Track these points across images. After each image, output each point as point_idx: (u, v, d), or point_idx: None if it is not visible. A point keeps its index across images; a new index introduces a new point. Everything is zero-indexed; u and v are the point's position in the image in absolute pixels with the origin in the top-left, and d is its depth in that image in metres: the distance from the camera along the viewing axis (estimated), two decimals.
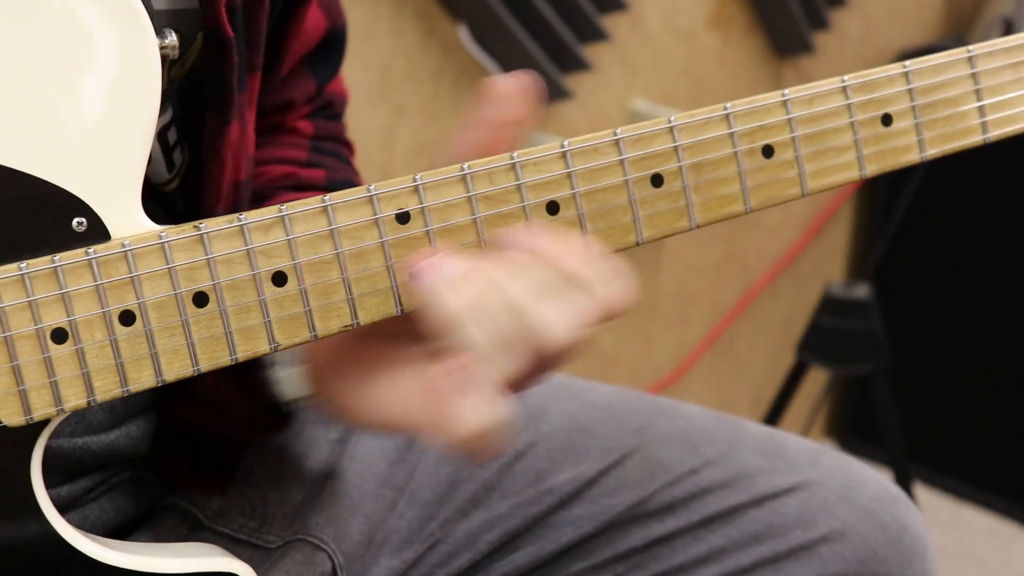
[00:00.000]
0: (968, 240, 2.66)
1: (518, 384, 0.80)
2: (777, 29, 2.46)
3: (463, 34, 1.99)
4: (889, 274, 2.68)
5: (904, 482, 2.35)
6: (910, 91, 0.92)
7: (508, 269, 0.79)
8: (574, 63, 2.12)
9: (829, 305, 2.33)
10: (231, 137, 0.93)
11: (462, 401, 0.79)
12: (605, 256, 0.81)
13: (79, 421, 0.94)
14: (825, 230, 2.75)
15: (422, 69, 1.96)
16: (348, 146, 1.18)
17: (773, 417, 2.40)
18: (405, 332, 0.85)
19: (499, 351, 0.78)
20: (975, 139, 0.94)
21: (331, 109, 1.16)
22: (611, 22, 2.19)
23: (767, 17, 2.44)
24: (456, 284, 0.78)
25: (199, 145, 0.95)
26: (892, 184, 2.67)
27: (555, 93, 2.11)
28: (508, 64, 2.04)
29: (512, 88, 0.83)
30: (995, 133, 0.94)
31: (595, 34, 2.14)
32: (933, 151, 0.93)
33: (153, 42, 0.80)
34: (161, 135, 0.94)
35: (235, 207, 0.96)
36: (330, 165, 1.11)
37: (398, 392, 0.85)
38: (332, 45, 1.13)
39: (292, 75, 1.10)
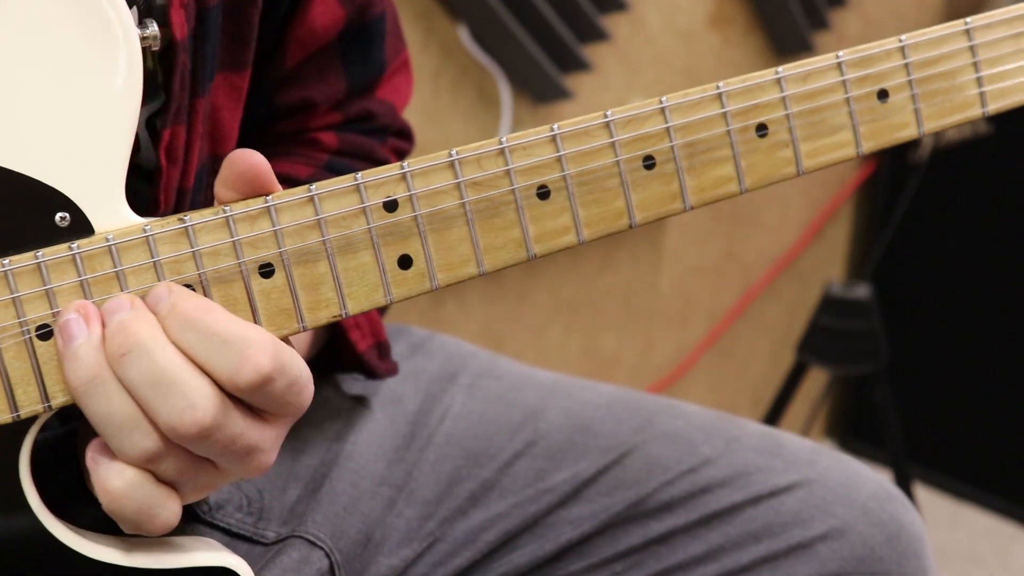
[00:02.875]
0: (968, 240, 2.66)
1: (175, 470, 0.78)
2: (777, 29, 2.45)
3: (463, 34, 1.99)
4: (889, 274, 2.68)
5: (904, 482, 2.34)
6: (906, 65, 0.91)
7: (125, 343, 0.76)
8: (574, 63, 2.12)
9: (829, 305, 2.33)
10: (166, 141, 0.92)
11: (95, 472, 0.78)
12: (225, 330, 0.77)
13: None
14: (825, 230, 2.75)
15: (422, 69, 1.96)
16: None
17: (773, 417, 2.40)
18: None
19: (112, 432, 0.77)
20: (974, 112, 0.93)
21: (370, 122, 1.12)
22: (611, 22, 2.18)
23: (767, 17, 2.44)
24: (78, 354, 0.76)
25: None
26: (892, 184, 2.67)
27: (555, 93, 2.11)
28: (508, 64, 2.04)
29: (254, 169, 0.81)
30: (994, 106, 0.94)
31: (595, 34, 2.14)
32: (932, 125, 0.92)
33: (134, 33, 0.80)
34: (150, 122, 0.93)
35: (180, 206, 0.95)
36: None
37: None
38: (365, 38, 1.09)
39: (311, 70, 1.08)
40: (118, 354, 0.75)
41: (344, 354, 1.08)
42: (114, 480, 0.77)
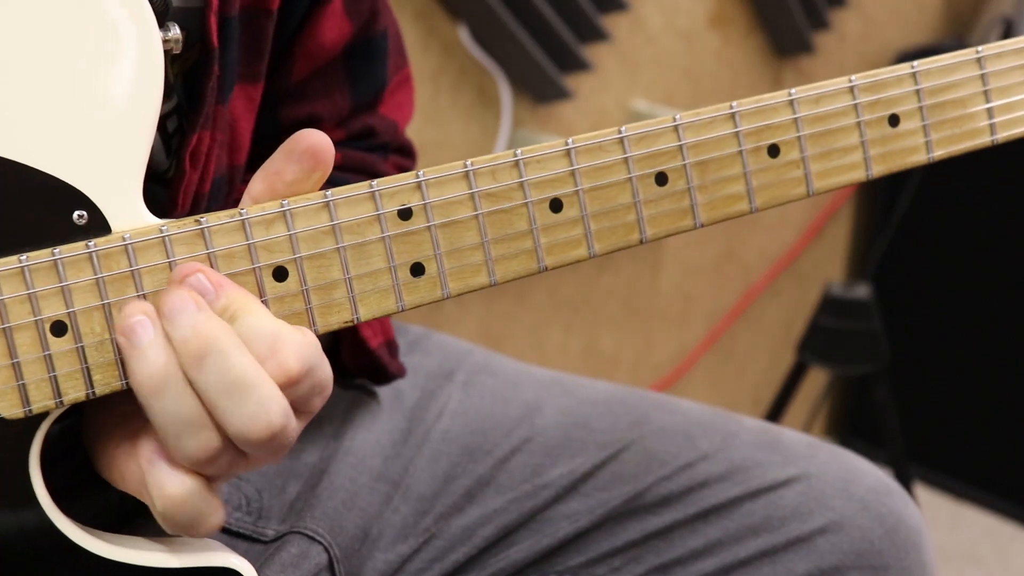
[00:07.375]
0: (968, 240, 2.67)
1: (225, 468, 0.78)
2: (777, 29, 2.46)
3: (463, 34, 1.99)
4: (889, 274, 2.68)
5: (904, 482, 2.35)
6: (918, 92, 0.92)
7: (201, 347, 0.75)
8: (574, 63, 2.12)
9: (829, 305, 2.33)
10: (192, 146, 0.92)
11: (151, 474, 0.78)
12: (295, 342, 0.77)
13: None
14: (825, 230, 2.75)
15: (422, 69, 1.96)
16: None
17: (773, 417, 2.40)
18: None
19: (178, 431, 0.76)
20: (983, 140, 0.95)
21: (372, 139, 1.12)
22: (611, 22, 2.19)
23: (767, 17, 2.44)
24: (148, 354, 0.76)
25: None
26: (892, 184, 2.67)
27: (555, 93, 2.11)
28: (508, 64, 2.04)
29: (321, 146, 0.81)
30: (1004, 135, 0.95)
31: (595, 34, 2.14)
32: (940, 152, 0.93)
33: (157, 35, 0.80)
34: (161, 123, 0.93)
35: (195, 211, 0.95)
36: None
37: (132, 463, 0.81)
38: (368, 53, 1.09)
39: (317, 86, 1.08)
40: (194, 358, 0.75)
41: (355, 352, 1.08)
42: (174, 486, 0.77)
